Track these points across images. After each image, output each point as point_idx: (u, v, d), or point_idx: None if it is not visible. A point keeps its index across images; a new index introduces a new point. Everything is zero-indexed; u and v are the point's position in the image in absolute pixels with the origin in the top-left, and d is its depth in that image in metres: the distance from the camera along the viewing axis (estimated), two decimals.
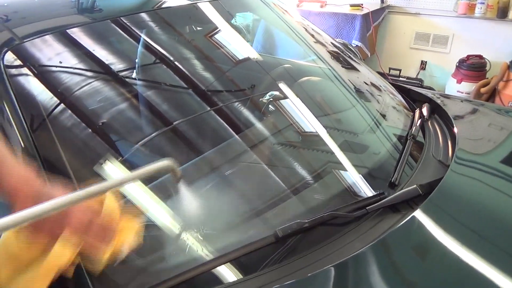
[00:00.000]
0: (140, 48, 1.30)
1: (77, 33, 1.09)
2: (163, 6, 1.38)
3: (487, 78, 3.30)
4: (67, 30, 1.08)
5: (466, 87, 3.32)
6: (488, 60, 3.29)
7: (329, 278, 0.72)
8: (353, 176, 1.01)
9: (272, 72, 1.44)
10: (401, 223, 0.81)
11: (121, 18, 1.23)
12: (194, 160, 1.00)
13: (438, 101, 1.39)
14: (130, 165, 0.91)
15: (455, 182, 0.96)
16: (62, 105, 0.96)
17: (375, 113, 1.29)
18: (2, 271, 0.55)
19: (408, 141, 1.10)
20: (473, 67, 3.30)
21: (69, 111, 0.98)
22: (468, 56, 3.34)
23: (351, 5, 3.53)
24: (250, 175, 1.03)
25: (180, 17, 1.46)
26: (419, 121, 1.21)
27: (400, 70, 3.72)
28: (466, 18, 3.32)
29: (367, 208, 0.85)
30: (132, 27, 1.27)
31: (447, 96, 1.58)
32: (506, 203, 0.94)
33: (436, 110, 1.37)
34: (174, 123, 1.12)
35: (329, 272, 0.71)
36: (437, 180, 0.96)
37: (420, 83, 3.62)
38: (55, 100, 0.95)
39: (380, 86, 1.46)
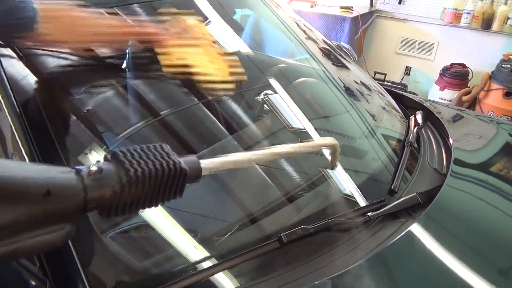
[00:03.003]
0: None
1: None
2: None
3: (469, 87, 3.39)
4: None
5: (449, 95, 3.40)
6: (471, 69, 3.38)
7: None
8: (352, 183, 1.00)
9: (267, 72, 1.42)
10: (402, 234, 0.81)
11: (115, 8, 1.18)
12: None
13: (431, 108, 1.41)
14: None
15: (452, 194, 0.97)
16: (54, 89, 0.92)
17: (371, 119, 1.29)
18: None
19: (406, 148, 1.11)
20: (456, 75, 3.38)
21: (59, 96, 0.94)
22: (452, 64, 3.42)
23: (341, 7, 3.55)
24: (246, 179, 1.00)
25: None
26: (415, 128, 1.21)
27: (385, 75, 3.77)
28: (452, 27, 3.40)
29: (369, 215, 0.84)
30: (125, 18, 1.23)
31: (438, 104, 1.60)
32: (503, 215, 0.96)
33: (429, 117, 1.38)
34: (162, 113, 1.09)
35: (334, 280, 0.71)
36: (434, 188, 0.97)
37: (404, 88, 3.68)
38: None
39: (377, 92, 1.46)
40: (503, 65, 3.11)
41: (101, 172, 0.38)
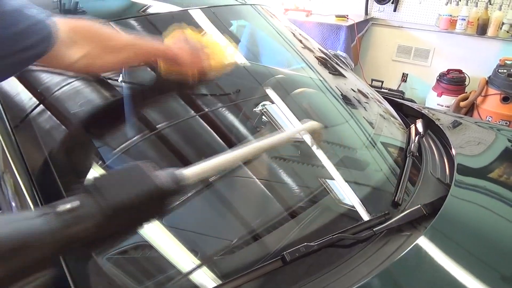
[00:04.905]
0: None
1: None
2: (152, 12, 1.31)
3: (466, 93, 3.38)
4: None
5: (446, 101, 3.39)
6: (467, 75, 3.38)
7: None
8: (354, 196, 0.98)
9: (265, 83, 1.40)
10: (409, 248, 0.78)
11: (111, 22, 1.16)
12: None
13: (430, 116, 1.39)
14: None
15: (457, 205, 0.95)
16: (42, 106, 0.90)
17: (371, 129, 1.28)
18: None
19: (408, 158, 1.09)
20: (453, 81, 3.38)
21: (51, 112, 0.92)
22: (448, 70, 3.42)
23: (337, 16, 3.55)
24: (247, 196, 0.98)
25: (168, 23, 1.40)
26: (417, 137, 1.19)
27: (382, 82, 3.76)
28: (447, 33, 3.40)
29: (374, 229, 0.82)
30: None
31: (436, 111, 1.59)
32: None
33: (429, 126, 1.36)
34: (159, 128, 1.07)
35: None
36: (439, 199, 0.95)
37: (401, 95, 3.68)
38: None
39: (376, 101, 1.45)
40: (499, 70, 3.11)
41: (77, 208, 0.37)
